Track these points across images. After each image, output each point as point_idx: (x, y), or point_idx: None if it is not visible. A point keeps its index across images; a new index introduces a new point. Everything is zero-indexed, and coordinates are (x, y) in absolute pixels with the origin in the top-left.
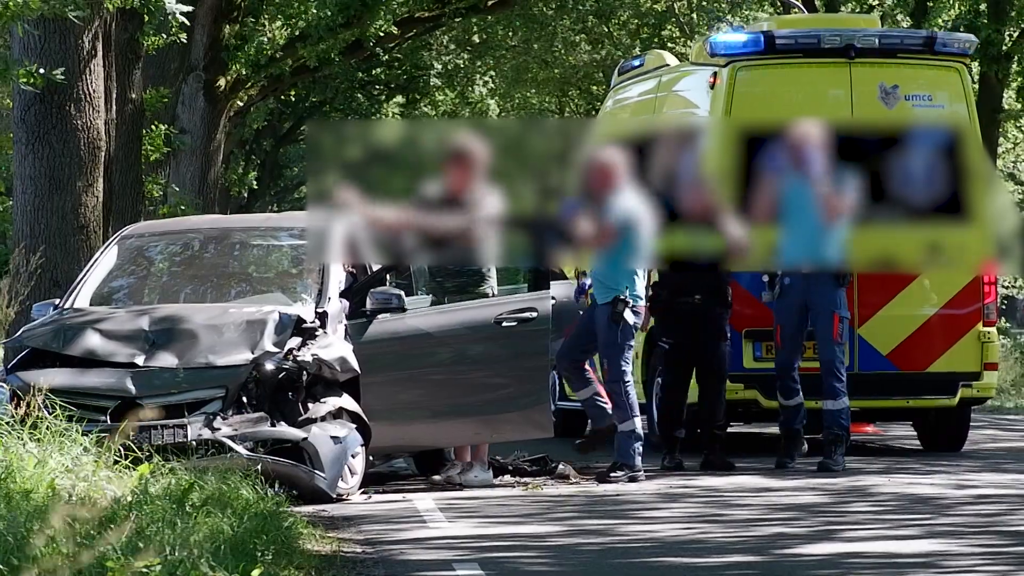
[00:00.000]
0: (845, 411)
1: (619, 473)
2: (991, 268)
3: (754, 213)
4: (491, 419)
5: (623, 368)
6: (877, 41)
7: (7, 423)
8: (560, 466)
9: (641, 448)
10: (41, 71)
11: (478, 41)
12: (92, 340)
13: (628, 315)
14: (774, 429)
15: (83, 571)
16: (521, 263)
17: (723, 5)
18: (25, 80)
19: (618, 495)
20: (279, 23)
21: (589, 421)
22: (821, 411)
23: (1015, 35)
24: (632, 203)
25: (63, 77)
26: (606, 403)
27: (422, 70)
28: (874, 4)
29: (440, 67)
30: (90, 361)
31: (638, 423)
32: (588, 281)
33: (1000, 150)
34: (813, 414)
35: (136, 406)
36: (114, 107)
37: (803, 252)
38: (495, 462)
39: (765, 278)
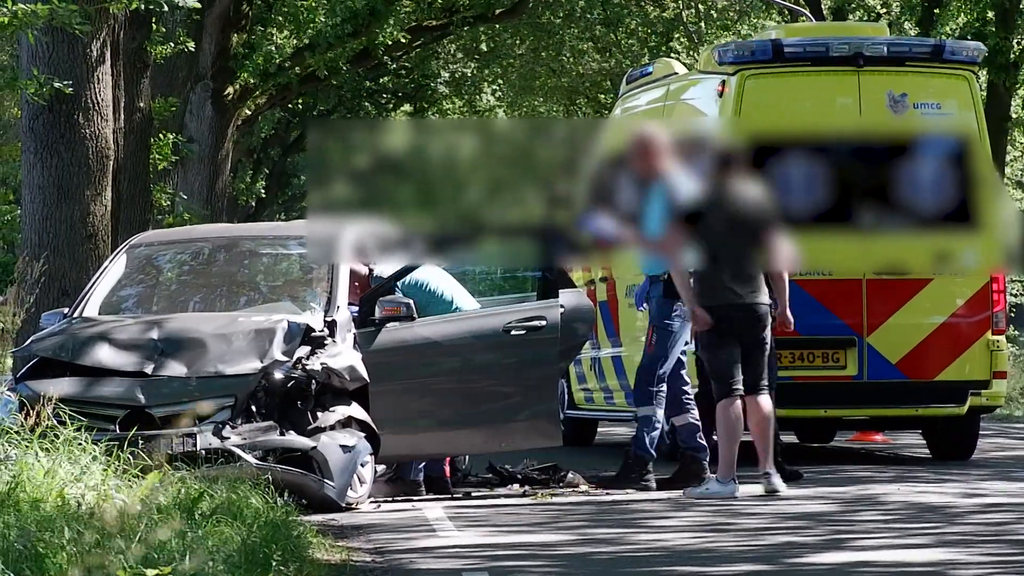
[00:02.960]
0: (646, 421)
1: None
2: (1000, 273)
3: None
4: (500, 428)
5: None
6: (886, 49)
7: (16, 432)
8: (569, 475)
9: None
10: (50, 83)
11: (486, 49)
12: (101, 349)
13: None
14: (784, 437)
15: None
16: (529, 270)
17: (731, 14)
18: (34, 92)
19: (628, 503)
20: (287, 32)
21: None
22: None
23: (1023, 43)
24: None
25: (71, 90)
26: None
27: (430, 78)
28: (881, 12)
29: (448, 75)
30: (99, 370)
31: None
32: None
33: (1008, 158)
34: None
35: (145, 415)
36: (122, 116)
37: (650, 261)
38: (504, 471)
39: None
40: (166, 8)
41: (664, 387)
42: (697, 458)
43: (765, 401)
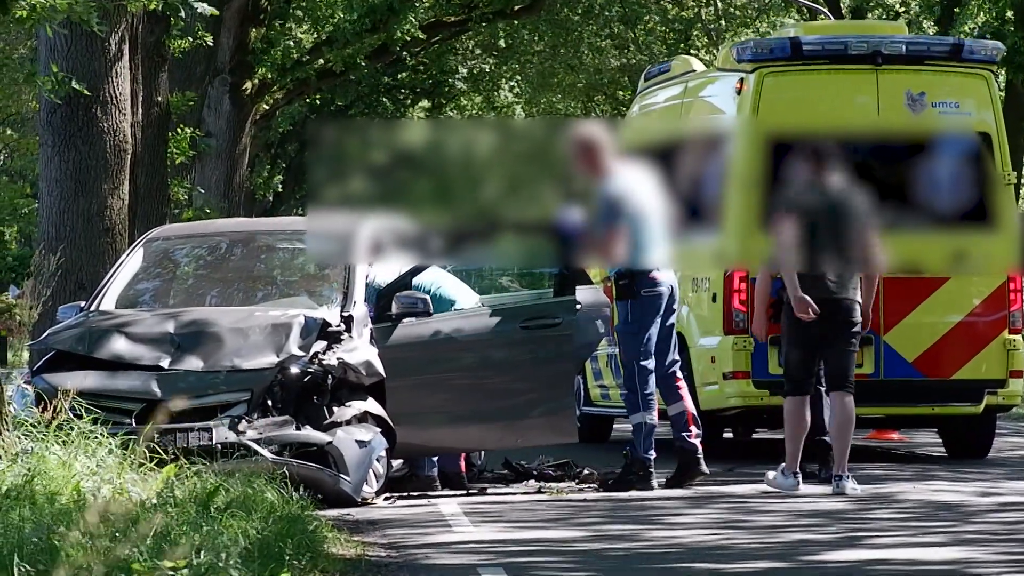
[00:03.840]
0: (638, 429)
1: None
2: (1017, 273)
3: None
4: (516, 424)
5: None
6: (904, 48)
7: (33, 426)
8: (585, 471)
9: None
10: (68, 81)
11: (504, 46)
12: (118, 343)
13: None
14: None
15: (110, 573)
16: (546, 267)
17: (750, 11)
18: (50, 89)
19: (643, 500)
20: (306, 27)
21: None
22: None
23: None
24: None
25: (88, 91)
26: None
27: (448, 74)
28: (900, 11)
29: (466, 72)
30: (116, 364)
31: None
32: None
33: None
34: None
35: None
36: (140, 110)
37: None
38: (519, 467)
39: None
40: (183, 13)
41: (651, 388)
42: (686, 449)
43: (849, 403)
